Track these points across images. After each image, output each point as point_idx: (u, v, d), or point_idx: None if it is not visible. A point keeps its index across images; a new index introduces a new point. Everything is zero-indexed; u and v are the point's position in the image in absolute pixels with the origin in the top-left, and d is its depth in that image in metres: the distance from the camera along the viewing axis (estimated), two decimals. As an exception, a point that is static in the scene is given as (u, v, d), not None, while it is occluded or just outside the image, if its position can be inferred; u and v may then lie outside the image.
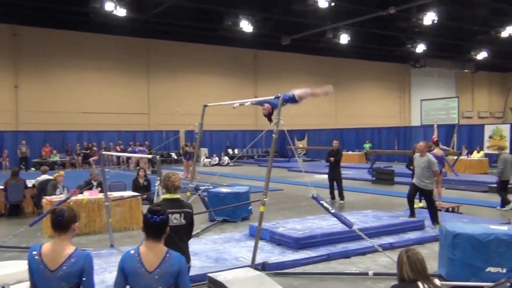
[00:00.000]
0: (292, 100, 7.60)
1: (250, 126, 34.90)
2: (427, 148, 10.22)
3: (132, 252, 3.21)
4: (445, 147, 21.72)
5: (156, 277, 3.10)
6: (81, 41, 29.09)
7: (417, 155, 10.16)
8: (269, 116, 7.49)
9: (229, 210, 10.71)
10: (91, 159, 25.84)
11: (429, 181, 9.73)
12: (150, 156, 8.16)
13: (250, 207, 11.22)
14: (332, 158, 13.63)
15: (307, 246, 7.99)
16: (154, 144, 28.77)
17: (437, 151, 12.64)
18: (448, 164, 19.04)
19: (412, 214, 9.93)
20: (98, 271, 6.43)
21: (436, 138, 13.80)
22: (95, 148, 26.99)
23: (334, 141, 14.55)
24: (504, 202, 12.25)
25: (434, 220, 9.53)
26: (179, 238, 4.39)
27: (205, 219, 10.87)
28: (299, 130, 34.42)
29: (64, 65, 28.87)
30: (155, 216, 3.21)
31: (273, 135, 6.91)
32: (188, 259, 4.46)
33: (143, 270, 3.11)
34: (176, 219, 4.38)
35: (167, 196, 4.53)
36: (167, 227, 3.30)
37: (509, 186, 12.92)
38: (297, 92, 7.66)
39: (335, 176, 13.74)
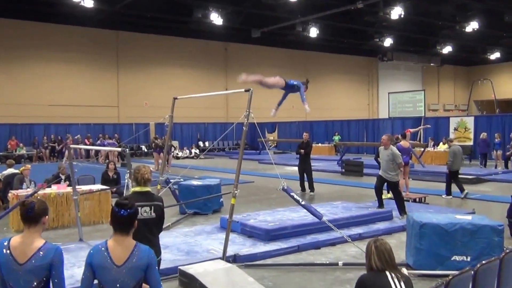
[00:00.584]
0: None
1: (221, 118, 34.86)
2: (390, 141, 10.39)
3: (99, 246, 3.15)
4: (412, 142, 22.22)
5: (125, 271, 3.06)
6: (48, 33, 28.42)
7: (381, 148, 10.35)
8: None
9: (200, 202, 10.70)
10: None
11: (394, 173, 9.93)
12: (119, 148, 8.09)
13: (221, 200, 11.22)
14: (302, 150, 13.74)
15: (278, 237, 8.04)
16: (124, 137, 28.44)
17: (403, 143, 12.93)
18: (415, 156, 19.45)
19: (380, 205, 10.11)
20: (67, 265, 6.37)
21: (409, 132, 14.07)
22: (70, 139, 26.44)
23: (304, 134, 14.70)
24: (449, 191, 12.83)
25: (402, 210, 9.72)
26: (149, 232, 4.33)
27: (176, 212, 10.83)
28: (269, 123, 34.55)
29: (30, 57, 28.18)
30: (122, 210, 3.15)
31: (244, 128, 6.93)
32: (158, 253, 4.42)
33: (111, 264, 3.06)
34: (146, 212, 4.32)
35: (137, 189, 4.46)
36: (135, 221, 3.24)
37: (462, 176, 13.48)
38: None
39: (305, 168, 13.85)
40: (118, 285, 3.06)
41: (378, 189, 10.20)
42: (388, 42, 34.55)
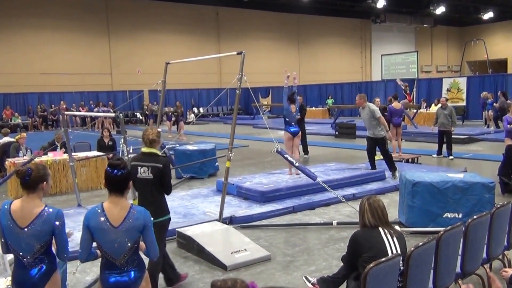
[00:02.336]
0: None
1: (214, 84, 34.69)
2: (364, 99, 10.07)
3: (96, 208, 3.20)
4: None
5: (122, 231, 3.11)
6: (37, 0, 27.89)
7: (360, 109, 10.28)
8: None
9: (196, 167, 10.79)
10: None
11: (380, 128, 9.85)
12: (113, 114, 8.09)
13: (216, 164, 11.33)
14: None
15: (273, 199, 8.17)
16: (118, 104, 28.33)
17: (395, 104, 12.99)
18: (408, 117, 19.56)
19: (373, 167, 10.15)
20: (67, 230, 6.47)
21: (410, 100, 13.84)
22: (63, 106, 26.37)
23: (298, 97, 14.65)
24: (440, 150, 13.05)
25: (391, 167, 9.81)
26: (148, 191, 4.52)
27: (172, 177, 10.88)
28: (263, 87, 34.43)
29: (21, 25, 27.73)
30: (115, 170, 3.18)
31: (237, 91, 6.94)
32: (164, 213, 4.60)
33: (108, 225, 3.10)
34: (144, 172, 4.50)
35: (144, 149, 4.64)
36: (129, 182, 3.28)
37: (454, 136, 13.59)
38: None
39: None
40: (116, 245, 3.12)
41: (370, 151, 10.13)
42: (381, 3, 34.10)
